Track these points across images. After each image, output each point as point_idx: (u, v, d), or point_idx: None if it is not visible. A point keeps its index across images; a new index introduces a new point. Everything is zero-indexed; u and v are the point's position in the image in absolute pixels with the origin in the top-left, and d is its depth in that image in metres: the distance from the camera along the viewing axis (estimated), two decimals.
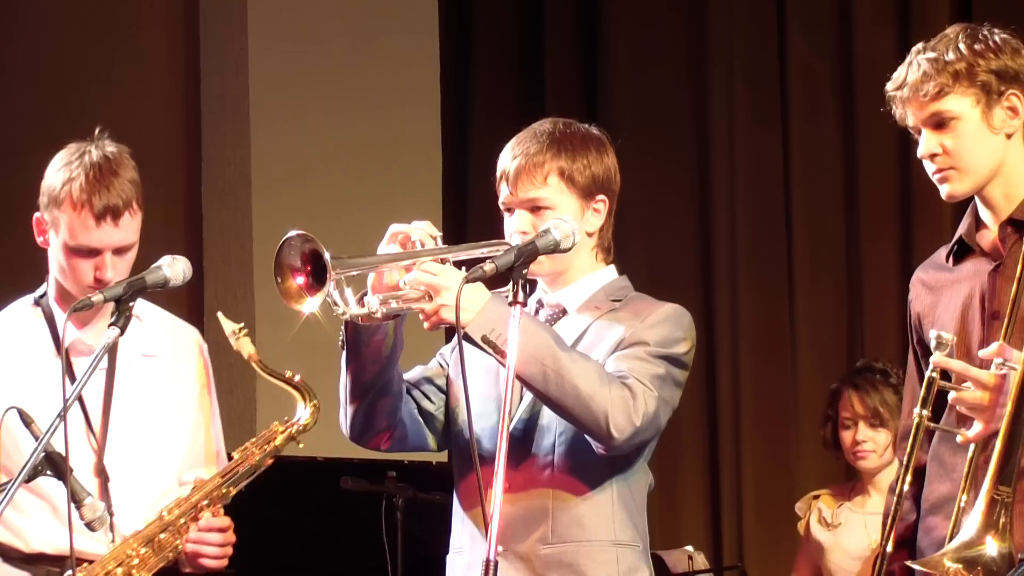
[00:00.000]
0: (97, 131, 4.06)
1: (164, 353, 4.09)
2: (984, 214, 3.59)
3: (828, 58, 7.59)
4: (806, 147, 7.65)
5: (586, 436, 3.48)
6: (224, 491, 4.00)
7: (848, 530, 5.78)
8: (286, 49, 7.50)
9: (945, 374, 3.40)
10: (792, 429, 7.52)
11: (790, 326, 7.60)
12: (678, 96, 7.87)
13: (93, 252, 3.94)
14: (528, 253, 3.34)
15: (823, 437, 5.90)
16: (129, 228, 3.95)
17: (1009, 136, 3.52)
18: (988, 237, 3.58)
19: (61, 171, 3.98)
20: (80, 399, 3.94)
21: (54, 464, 3.51)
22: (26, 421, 3.60)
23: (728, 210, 7.73)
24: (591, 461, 3.50)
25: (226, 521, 4.01)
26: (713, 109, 7.79)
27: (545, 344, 3.42)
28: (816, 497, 5.91)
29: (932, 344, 3.37)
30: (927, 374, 3.39)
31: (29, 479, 3.49)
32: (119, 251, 3.95)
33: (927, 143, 3.54)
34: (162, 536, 3.94)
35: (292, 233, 3.34)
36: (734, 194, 7.73)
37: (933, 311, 3.62)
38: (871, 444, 5.67)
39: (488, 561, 3.06)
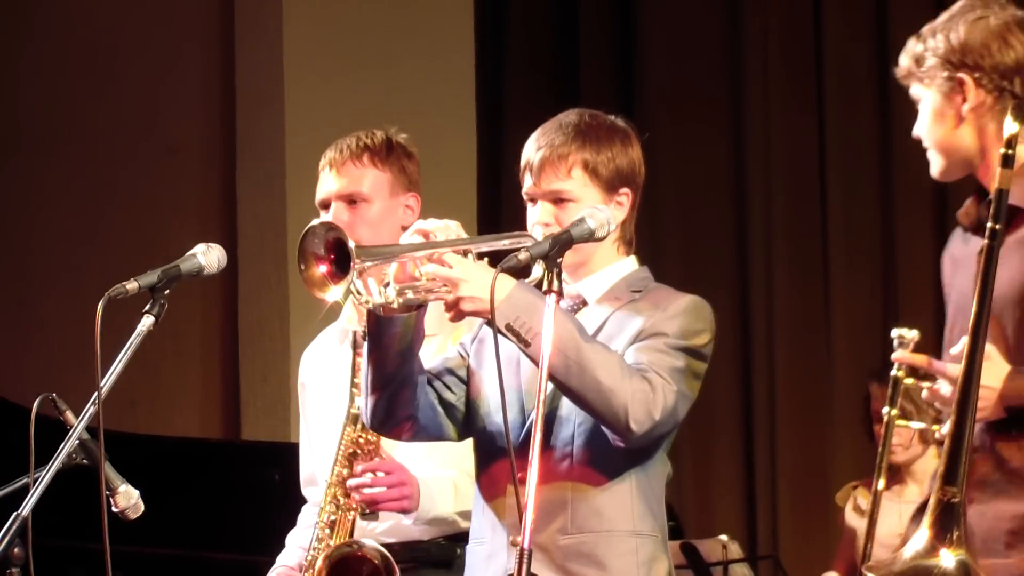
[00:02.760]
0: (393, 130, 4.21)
1: (438, 331, 4.09)
2: None
3: (863, 43, 7.58)
4: (842, 133, 7.64)
5: (604, 429, 3.48)
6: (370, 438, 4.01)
7: (882, 518, 5.75)
8: (321, 38, 7.52)
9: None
10: (827, 418, 7.51)
11: (825, 313, 7.59)
12: (714, 83, 7.87)
13: (325, 206, 4.12)
14: (563, 242, 3.34)
15: (866, 431, 5.89)
16: (350, 176, 4.11)
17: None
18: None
19: None
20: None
21: (88, 452, 3.53)
22: (59, 410, 3.62)
23: (764, 196, 7.73)
24: (610, 452, 3.49)
25: (375, 462, 3.98)
26: (749, 96, 7.78)
27: (569, 335, 3.42)
28: (855, 487, 5.90)
29: (895, 343, 3.31)
30: (892, 372, 3.34)
31: (63, 467, 3.51)
32: (347, 201, 4.09)
33: None
34: (341, 497, 3.98)
35: (316, 222, 3.36)
36: (770, 180, 7.73)
37: (951, 287, 3.57)
38: (897, 438, 5.58)
39: (522, 550, 3.06)
